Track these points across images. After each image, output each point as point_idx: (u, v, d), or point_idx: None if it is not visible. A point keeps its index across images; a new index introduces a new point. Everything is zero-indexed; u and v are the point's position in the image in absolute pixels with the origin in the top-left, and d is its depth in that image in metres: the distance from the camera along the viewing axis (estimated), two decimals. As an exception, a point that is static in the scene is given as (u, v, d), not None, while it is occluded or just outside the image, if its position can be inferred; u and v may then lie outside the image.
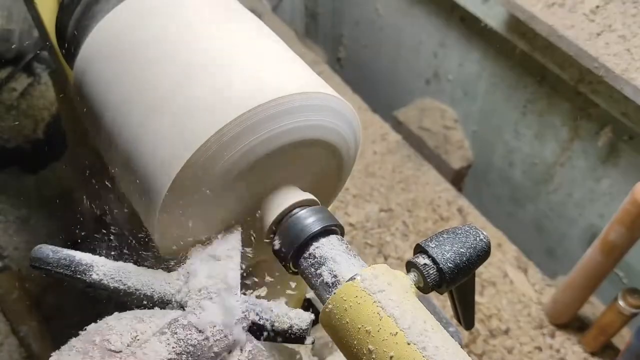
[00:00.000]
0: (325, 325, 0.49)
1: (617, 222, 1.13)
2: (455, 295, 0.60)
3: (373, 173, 1.75)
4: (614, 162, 1.50)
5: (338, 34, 2.38)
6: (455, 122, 1.98)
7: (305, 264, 0.53)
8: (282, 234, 0.55)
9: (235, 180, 0.55)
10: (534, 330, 1.42)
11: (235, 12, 0.67)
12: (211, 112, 0.53)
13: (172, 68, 0.58)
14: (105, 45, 0.64)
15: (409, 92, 2.11)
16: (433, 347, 0.43)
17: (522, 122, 1.72)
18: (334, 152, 0.62)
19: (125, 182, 0.62)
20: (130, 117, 0.58)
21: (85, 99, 0.65)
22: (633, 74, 1.22)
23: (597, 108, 1.46)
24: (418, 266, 0.52)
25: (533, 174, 1.77)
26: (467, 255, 0.52)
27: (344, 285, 0.47)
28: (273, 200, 0.58)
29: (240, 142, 0.53)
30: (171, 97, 0.56)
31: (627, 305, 1.22)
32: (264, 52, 0.61)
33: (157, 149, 0.54)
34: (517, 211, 1.88)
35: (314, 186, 0.62)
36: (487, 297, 1.47)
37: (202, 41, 0.60)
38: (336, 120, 0.60)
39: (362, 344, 0.45)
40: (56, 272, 0.54)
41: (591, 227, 1.63)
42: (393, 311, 0.45)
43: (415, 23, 1.95)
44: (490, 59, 1.74)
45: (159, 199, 0.53)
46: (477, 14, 1.62)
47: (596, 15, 1.32)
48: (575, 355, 1.37)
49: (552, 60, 1.47)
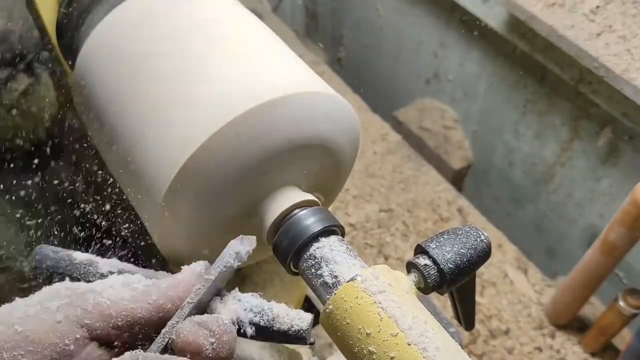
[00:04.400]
0: (326, 326, 0.49)
1: (617, 222, 1.13)
2: (455, 295, 0.60)
3: (373, 173, 1.75)
4: (614, 162, 1.50)
5: (338, 34, 2.38)
6: (455, 122, 1.98)
7: (306, 264, 0.53)
8: (282, 235, 0.55)
9: (236, 180, 0.55)
10: (534, 330, 1.42)
11: (235, 12, 0.67)
12: (210, 113, 0.53)
13: (172, 68, 0.58)
14: (107, 45, 0.64)
15: (409, 92, 2.11)
16: (434, 348, 0.43)
17: (522, 122, 1.72)
18: (334, 152, 0.62)
19: (125, 183, 0.62)
20: (130, 117, 0.58)
21: (86, 99, 0.65)
22: (633, 74, 1.22)
23: (597, 108, 1.46)
24: (418, 267, 0.52)
25: (533, 174, 1.77)
26: (468, 256, 0.52)
27: (344, 286, 0.47)
28: (273, 201, 0.58)
29: (240, 142, 0.53)
30: (171, 97, 0.56)
31: (628, 305, 1.22)
32: (264, 51, 0.61)
33: (157, 149, 0.55)
34: (517, 211, 1.88)
35: (314, 186, 0.62)
36: (487, 298, 1.47)
37: (203, 42, 0.60)
38: (336, 120, 0.60)
39: (362, 345, 0.45)
40: (56, 273, 0.54)
41: (591, 227, 1.63)
42: (394, 312, 0.45)
43: (415, 23, 1.95)
44: (490, 59, 1.74)
45: (158, 200, 0.53)
46: (477, 14, 1.62)
47: (596, 16, 1.32)
48: (576, 355, 1.37)
49: (552, 61, 1.47)
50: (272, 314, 0.49)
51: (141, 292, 0.45)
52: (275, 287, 0.80)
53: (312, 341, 0.50)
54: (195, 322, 0.44)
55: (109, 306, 0.44)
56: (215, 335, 0.44)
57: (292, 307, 0.50)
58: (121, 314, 0.44)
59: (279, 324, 0.49)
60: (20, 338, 0.40)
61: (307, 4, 2.48)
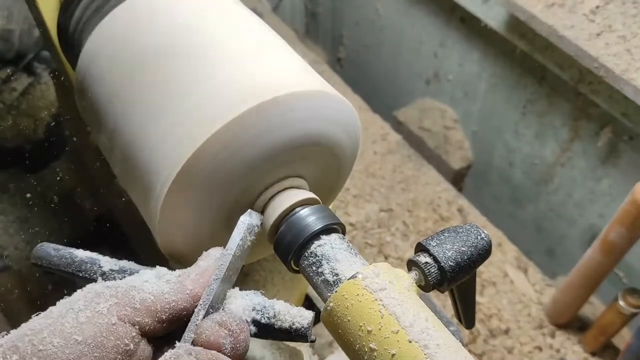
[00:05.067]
0: (327, 324, 0.49)
1: (617, 222, 1.13)
2: (456, 294, 0.60)
3: (373, 173, 1.75)
4: (614, 162, 1.50)
5: (338, 34, 2.38)
6: (455, 122, 1.98)
7: (307, 262, 0.53)
8: (283, 233, 0.55)
9: (237, 179, 0.55)
10: (534, 330, 1.42)
11: (236, 12, 0.67)
12: (211, 112, 0.53)
13: (174, 67, 0.58)
14: (108, 44, 0.64)
15: (409, 92, 2.11)
16: (435, 345, 0.43)
17: (522, 122, 1.72)
18: (334, 152, 0.62)
19: (128, 182, 0.62)
20: (132, 116, 0.58)
21: (88, 98, 0.65)
22: (633, 74, 1.22)
23: (597, 108, 1.46)
24: (419, 264, 0.52)
25: (533, 174, 1.77)
26: (469, 254, 0.52)
27: (345, 284, 0.47)
28: (274, 200, 0.58)
29: (241, 141, 0.53)
30: (173, 96, 0.56)
31: (627, 305, 1.22)
32: (265, 51, 0.61)
33: (159, 148, 0.55)
34: (517, 211, 1.88)
35: (314, 185, 0.63)
36: (487, 297, 1.47)
37: (204, 40, 0.60)
38: (337, 120, 0.60)
39: (363, 342, 0.45)
40: (58, 271, 0.54)
41: (591, 227, 1.63)
42: (394, 309, 0.45)
43: (415, 23, 1.95)
44: (490, 59, 1.74)
45: (160, 198, 0.54)
46: (477, 14, 1.63)
47: (596, 16, 1.33)
48: (576, 355, 1.37)
49: (552, 61, 1.47)
50: (273, 312, 0.49)
51: (177, 284, 0.46)
52: (276, 285, 0.80)
53: (313, 339, 0.50)
54: (216, 321, 0.45)
55: (154, 301, 0.44)
56: (234, 334, 0.45)
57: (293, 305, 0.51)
58: (165, 307, 0.44)
59: (280, 321, 0.49)
60: (84, 347, 0.40)
61: (307, 4, 2.48)
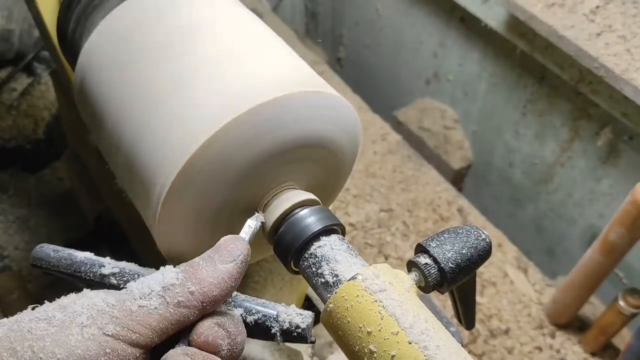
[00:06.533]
0: (326, 325, 0.49)
1: (617, 222, 1.13)
2: (456, 294, 0.60)
3: (373, 173, 1.75)
4: (614, 162, 1.50)
5: (338, 34, 2.38)
6: (455, 122, 1.98)
7: (306, 263, 0.53)
8: (283, 234, 0.55)
9: (236, 180, 0.55)
10: (534, 330, 1.42)
11: (236, 12, 0.67)
12: (211, 113, 0.53)
13: (174, 67, 0.58)
14: (108, 44, 0.64)
15: (409, 92, 2.11)
16: (434, 347, 0.43)
17: (522, 122, 1.72)
18: (334, 152, 0.62)
19: (127, 183, 0.62)
20: (132, 117, 0.58)
21: (87, 99, 0.65)
22: (633, 74, 1.22)
23: (597, 108, 1.46)
24: (419, 266, 0.52)
25: (533, 174, 1.77)
26: (469, 255, 0.52)
27: (345, 285, 0.47)
28: (274, 200, 0.58)
29: (241, 142, 0.53)
30: (173, 97, 0.56)
31: (627, 305, 1.22)
32: (265, 51, 0.61)
33: (158, 149, 0.55)
34: (517, 211, 1.88)
35: (314, 186, 0.63)
36: (487, 297, 1.47)
37: (204, 41, 0.60)
38: (337, 120, 0.60)
39: (363, 344, 0.45)
40: (57, 272, 0.54)
41: (591, 227, 1.63)
42: (394, 310, 0.45)
43: (415, 23, 1.95)
44: (490, 59, 1.74)
45: (159, 199, 0.53)
46: (477, 14, 1.63)
47: (596, 16, 1.33)
48: (576, 355, 1.37)
49: (552, 61, 1.47)
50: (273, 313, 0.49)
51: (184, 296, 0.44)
52: (276, 286, 0.80)
53: (312, 340, 0.50)
54: (214, 322, 0.44)
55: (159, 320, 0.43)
56: (231, 336, 0.44)
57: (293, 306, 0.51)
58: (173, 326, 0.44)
59: (280, 322, 0.49)
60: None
61: (307, 4, 2.48)
